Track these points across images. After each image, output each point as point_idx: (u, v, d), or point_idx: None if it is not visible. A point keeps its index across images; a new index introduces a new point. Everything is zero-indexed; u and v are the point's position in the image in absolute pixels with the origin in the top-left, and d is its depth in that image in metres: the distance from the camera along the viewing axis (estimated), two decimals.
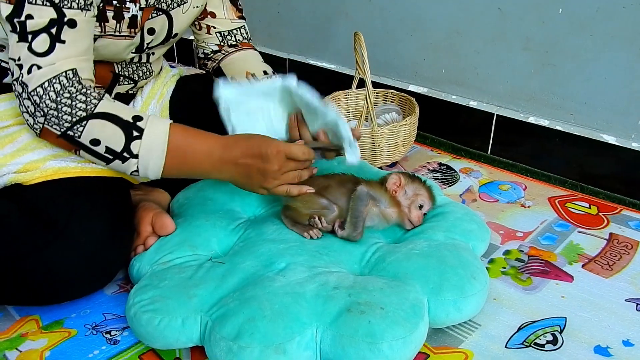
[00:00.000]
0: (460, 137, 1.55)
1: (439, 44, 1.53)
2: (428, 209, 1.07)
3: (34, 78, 0.85)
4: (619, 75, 1.27)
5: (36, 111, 0.87)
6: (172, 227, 1.02)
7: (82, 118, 0.87)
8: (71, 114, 0.87)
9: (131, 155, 0.90)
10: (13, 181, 0.93)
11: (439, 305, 0.88)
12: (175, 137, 0.91)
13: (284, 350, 0.79)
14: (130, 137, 0.89)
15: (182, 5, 1.08)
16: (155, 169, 0.92)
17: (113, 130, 0.89)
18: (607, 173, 1.33)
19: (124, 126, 0.89)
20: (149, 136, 0.90)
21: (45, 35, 0.85)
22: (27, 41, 0.85)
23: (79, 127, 0.88)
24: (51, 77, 0.86)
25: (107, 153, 0.90)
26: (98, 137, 0.89)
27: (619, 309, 0.96)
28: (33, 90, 0.86)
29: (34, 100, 0.86)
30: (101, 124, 0.88)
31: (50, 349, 0.90)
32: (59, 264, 0.87)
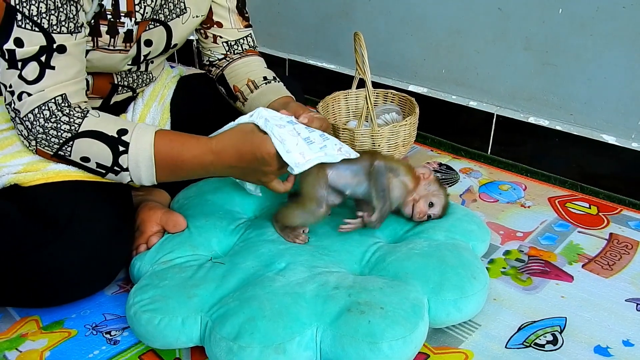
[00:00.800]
0: (460, 137, 1.55)
1: (439, 44, 1.53)
2: (434, 214, 1.05)
3: (25, 105, 0.87)
4: (619, 75, 1.27)
5: (29, 135, 0.89)
6: (184, 224, 1.04)
7: (68, 139, 0.89)
8: (57, 136, 0.89)
9: (121, 169, 0.92)
10: (12, 182, 0.93)
11: (439, 305, 0.88)
12: (162, 148, 0.91)
13: (284, 350, 0.79)
14: (117, 152, 0.90)
15: (182, 16, 1.06)
16: (148, 178, 0.93)
17: (99, 148, 0.90)
18: (607, 173, 1.33)
19: (110, 142, 0.90)
20: (134, 150, 0.91)
21: (35, 64, 0.86)
22: (18, 69, 0.86)
23: (67, 148, 0.90)
24: (40, 104, 0.87)
25: (99, 168, 0.92)
26: (87, 155, 0.91)
27: (619, 309, 0.96)
28: (25, 116, 0.88)
29: (26, 126, 0.89)
30: (87, 143, 0.90)
31: (50, 349, 0.90)
32: (59, 264, 0.87)
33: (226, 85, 1.19)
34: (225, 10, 1.15)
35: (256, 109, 0.95)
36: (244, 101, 1.15)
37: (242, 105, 1.16)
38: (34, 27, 0.84)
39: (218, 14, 1.15)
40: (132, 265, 1.00)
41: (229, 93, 1.18)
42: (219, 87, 1.21)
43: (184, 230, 1.04)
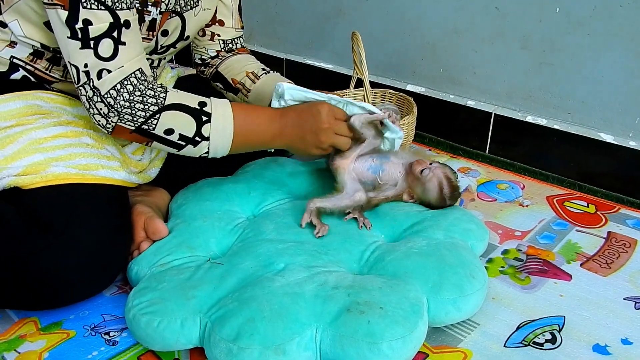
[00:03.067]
0: (458, 137, 1.55)
1: (436, 43, 1.53)
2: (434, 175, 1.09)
3: (106, 82, 0.89)
4: (617, 74, 1.27)
5: (109, 112, 0.91)
6: (164, 232, 1.02)
7: (155, 112, 0.92)
8: (144, 109, 0.91)
9: (203, 138, 0.96)
10: (12, 184, 0.93)
11: (439, 304, 0.88)
12: (239, 117, 0.97)
13: (283, 350, 0.79)
14: (200, 123, 0.94)
15: (195, 8, 1.09)
16: (225, 148, 0.98)
17: (184, 119, 0.94)
18: (605, 172, 1.33)
19: (193, 113, 0.94)
20: (216, 119, 0.95)
21: (109, 40, 0.88)
22: (92, 47, 0.87)
23: (153, 121, 0.92)
24: (122, 79, 0.89)
25: (180, 140, 0.95)
26: (172, 126, 0.94)
27: (618, 308, 0.96)
28: (106, 93, 0.89)
29: (108, 102, 0.90)
30: (173, 115, 0.93)
31: (49, 350, 0.90)
32: (58, 267, 0.87)
33: (223, 80, 1.21)
34: (229, 9, 1.19)
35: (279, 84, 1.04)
36: (247, 92, 1.18)
37: (244, 96, 1.20)
38: (99, 6, 0.86)
39: (222, 13, 1.19)
40: (129, 269, 0.99)
41: (228, 87, 1.21)
42: (215, 83, 1.23)
43: (167, 236, 1.02)
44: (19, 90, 0.98)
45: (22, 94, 0.98)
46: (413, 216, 1.07)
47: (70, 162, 0.95)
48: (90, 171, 0.96)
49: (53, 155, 0.95)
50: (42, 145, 0.95)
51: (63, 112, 1.01)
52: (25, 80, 1.00)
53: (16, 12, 0.94)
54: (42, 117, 0.97)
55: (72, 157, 0.96)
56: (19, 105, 0.97)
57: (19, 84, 0.99)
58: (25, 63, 0.99)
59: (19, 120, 0.96)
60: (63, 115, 1.00)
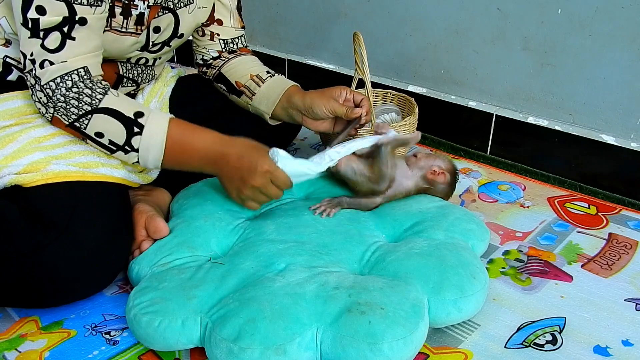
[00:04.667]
0: (459, 138, 1.55)
1: (438, 44, 1.53)
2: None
3: (47, 73, 0.89)
4: (618, 75, 1.27)
5: (48, 102, 0.91)
6: (165, 231, 1.02)
7: (87, 112, 0.92)
8: (78, 107, 0.91)
9: (132, 149, 0.95)
10: (13, 182, 0.93)
11: (439, 304, 0.88)
12: (174, 134, 0.96)
13: (284, 351, 0.79)
14: (131, 133, 0.94)
15: (189, 6, 1.09)
16: (154, 162, 0.97)
17: (115, 126, 0.93)
18: (606, 173, 1.33)
19: (126, 122, 0.93)
20: (148, 133, 0.94)
21: (58, 34, 0.88)
22: (40, 38, 0.88)
23: (85, 120, 0.92)
24: (63, 74, 0.90)
25: (110, 145, 0.95)
26: (102, 130, 0.94)
27: (619, 309, 0.96)
28: (46, 83, 0.90)
29: (46, 93, 0.91)
30: (104, 119, 0.93)
31: (50, 349, 0.90)
32: (59, 264, 0.87)
33: (227, 82, 1.21)
34: (227, 8, 1.19)
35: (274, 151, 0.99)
36: (252, 95, 1.18)
37: (248, 99, 1.19)
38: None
39: (220, 12, 1.18)
40: (130, 268, 0.99)
41: (231, 89, 1.20)
42: (218, 85, 1.23)
43: (167, 235, 1.02)
44: (16, 90, 0.98)
45: (21, 93, 0.98)
46: (413, 216, 1.07)
47: (70, 160, 0.95)
48: (90, 169, 0.96)
49: (53, 153, 0.95)
50: (42, 143, 0.95)
51: None
52: (20, 81, 1.00)
53: (6, 9, 0.94)
54: (41, 115, 0.97)
55: (72, 155, 0.96)
56: (18, 104, 0.98)
57: (15, 85, 0.99)
58: (18, 62, 0.99)
59: (19, 119, 0.97)
60: None
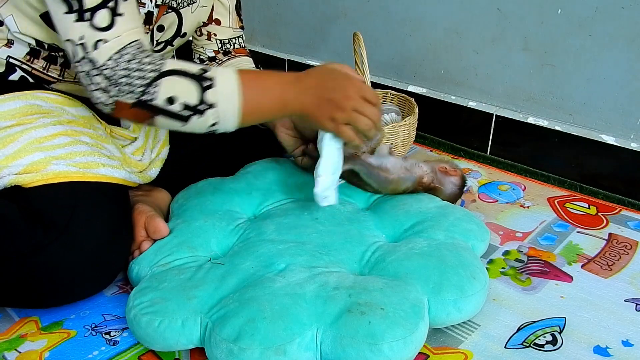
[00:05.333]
0: (459, 138, 1.55)
1: (438, 44, 1.53)
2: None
3: (103, 52, 0.85)
4: (618, 75, 1.27)
5: (109, 85, 0.86)
6: (165, 231, 1.02)
7: (154, 78, 0.86)
8: (142, 77, 0.86)
9: (208, 105, 0.88)
10: (13, 183, 0.93)
11: (439, 305, 0.88)
12: (245, 79, 0.90)
13: (284, 351, 0.79)
14: (203, 88, 0.88)
15: (192, 5, 1.09)
16: (234, 112, 0.90)
17: (186, 85, 0.87)
18: (606, 173, 1.33)
19: (195, 78, 0.88)
20: (220, 82, 0.89)
21: (105, 11, 0.84)
22: (87, 19, 0.84)
23: (153, 89, 0.87)
24: (119, 48, 0.85)
25: (183, 110, 0.88)
26: (173, 94, 0.87)
27: (619, 309, 0.96)
28: (103, 64, 0.85)
29: (105, 74, 0.85)
30: (173, 81, 0.87)
31: (50, 349, 0.90)
32: (59, 264, 0.87)
33: None
34: (226, 8, 1.19)
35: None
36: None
37: None
38: None
39: (218, 12, 1.19)
40: (130, 269, 0.99)
41: None
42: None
43: (167, 235, 1.02)
44: (17, 91, 0.98)
45: (21, 93, 0.98)
46: (413, 216, 1.07)
47: (70, 161, 0.95)
48: (90, 169, 0.96)
49: (53, 154, 0.95)
50: (43, 144, 0.95)
51: (63, 111, 1.01)
52: (23, 81, 1.00)
53: (12, 7, 0.94)
54: (42, 116, 0.97)
55: (72, 156, 0.96)
56: (19, 105, 0.97)
57: (17, 84, 0.99)
58: (21, 63, 0.99)
59: (19, 120, 0.96)
60: (63, 115, 1.00)
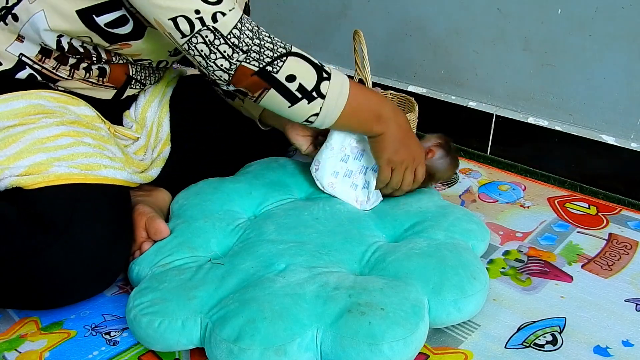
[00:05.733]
0: (459, 138, 1.55)
1: (438, 44, 1.53)
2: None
3: (224, 23, 0.88)
4: (618, 75, 1.27)
5: (235, 52, 0.89)
6: (165, 232, 1.02)
7: (283, 54, 0.92)
8: (273, 49, 0.91)
9: (319, 95, 0.94)
10: (14, 184, 0.92)
11: (440, 305, 0.88)
12: (354, 87, 0.98)
13: (284, 351, 0.79)
14: (321, 77, 0.94)
15: None
16: (335, 113, 0.97)
17: (307, 69, 0.93)
18: (606, 173, 1.33)
19: (316, 67, 0.95)
20: (335, 78, 0.95)
21: None
22: None
23: (279, 62, 0.91)
24: (239, 18, 0.89)
25: (298, 91, 0.93)
26: (295, 73, 0.92)
27: (619, 309, 0.96)
28: (229, 32, 0.88)
29: (232, 42, 0.89)
30: (298, 62, 0.93)
31: (50, 350, 0.90)
32: (59, 266, 0.87)
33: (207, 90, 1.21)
34: None
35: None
36: (243, 101, 1.17)
37: (241, 102, 1.17)
38: None
39: None
40: (130, 269, 0.99)
41: (225, 92, 1.20)
42: (216, 87, 1.23)
43: (168, 236, 1.02)
44: (22, 90, 0.98)
45: (25, 93, 0.98)
46: (414, 216, 1.07)
47: (72, 162, 0.95)
48: (92, 171, 0.96)
49: (56, 155, 0.95)
50: (45, 145, 0.95)
51: (66, 111, 1.01)
52: (30, 79, 1.00)
53: (46, 3, 0.92)
54: (45, 116, 0.97)
55: (74, 157, 0.96)
56: (22, 105, 0.97)
57: (24, 83, 0.99)
58: (33, 62, 0.99)
59: (22, 120, 0.96)
60: (66, 115, 1.00)
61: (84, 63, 1.01)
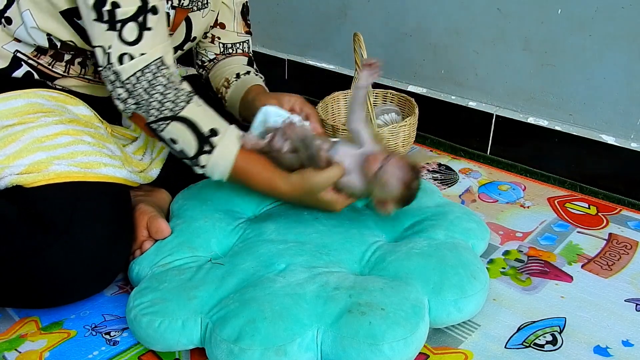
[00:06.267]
0: (459, 138, 1.55)
1: (438, 44, 1.53)
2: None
3: (127, 68, 0.88)
4: (618, 75, 1.27)
5: (129, 97, 0.91)
6: (167, 231, 1.02)
7: (167, 117, 0.92)
8: (159, 109, 0.91)
9: (198, 165, 0.96)
10: (14, 183, 0.93)
11: (440, 305, 0.88)
12: (240, 163, 0.96)
13: (284, 351, 0.79)
14: (201, 151, 0.94)
15: (203, 10, 1.08)
16: (219, 178, 0.98)
17: (189, 138, 0.93)
18: (606, 173, 1.33)
19: (199, 138, 0.94)
20: (217, 156, 0.95)
21: (134, 24, 0.87)
22: (116, 30, 0.86)
23: (162, 124, 0.93)
24: (142, 67, 0.89)
25: (179, 152, 0.96)
26: (176, 138, 0.94)
27: (619, 309, 0.96)
28: (127, 79, 0.89)
29: (127, 88, 0.90)
30: (181, 129, 0.93)
31: (50, 349, 0.90)
32: (59, 265, 0.87)
33: (212, 89, 1.22)
34: (231, 12, 1.19)
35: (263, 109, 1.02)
36: (225, 101, 1.19)
37: (225, 104, 1.19)
38: None
39: (224, 15, 1.19)
40: (130, 269, 0.99)
41: (215, 95, 1.21)
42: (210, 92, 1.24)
43: (169, 235, 1.02)
44: (19, 89, 0.98)
45: (23, 92, 0.98)
46: (413, 215, 1.07)
47: (72, 161, 0.95)
48: (92, 169, 0.96)
49: (55, 153, 0.95)
50: (44, 143, 0.95)
51: (65, 110, 1.01)
52: (27, 77, 1.00)
53: (30, 2, 0.94)
54: (44, 115, 0.97)
55: (74, 156, 0.96)
56: (21, 104, 0.97)
57: (21, 82, 0.99)
58: (28, 58, 0.99)
59: (21, 119, 0.96)
60: (65, 114, 1.00)
61: (79, 58, 1.02)
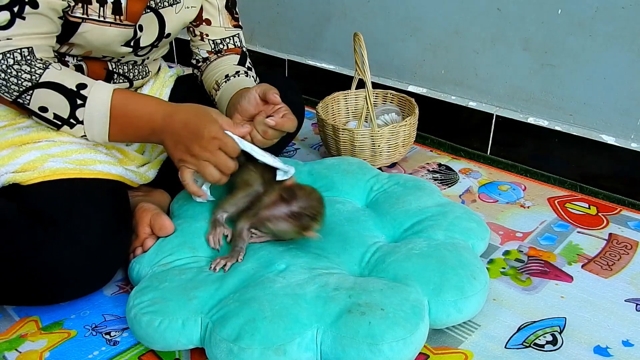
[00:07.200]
0: (459, 138, 1.55)
1: (438, 44, 1.53)
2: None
3: None
4: (618, 75, 1.27)
5: None
6: (171, 228, 1.02)
7: (28, 88, 0.91)
8: (17, 84, 0.91)
9: (77, 121, 0.94)
10: (11, 181, 0.93)
11: (440, 305, 0.88)
12: (118, 104, 0.94)
13: (284, 351, 0.79)
14: (74, 105, 0.93)
15: (175, 5, 1.08)
16: (101, 134, 0.96)
17: (58, 99, 0.92)
18: (606, 173, 1.33)
19: (68, 95, 0.92)
20: (91, 104, 0.93)
21: (7, 12, 0.88)
22: None
23: (27, 96, 0.92)
24: (6, 51, 0.89)
25: (55, 119, 0.94)
26: (45, 105, 0.92)
27: (619, 309, 0.96)
28: None
29: None
30: (46, 93, 0.92)
31: (50, 349, 0.90)
32: (57, 263, 0.87)
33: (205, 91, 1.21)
34: (215, 7, 1.18)
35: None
36: (216, 103, 1.16)
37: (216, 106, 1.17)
38: None
39: (208, 11, 1.17)
40: (131, 268, 0.99)
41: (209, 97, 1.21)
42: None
43: (173, 233, 1.02)
44: None
45: None
46: (413, 215, 1.07)
47: (67, 158, 0.96)
48: (87, 166, 0.96)
49: (49, 152, 0.95)
50: (38, 143, 0.95)
51: None
52: None
53: None
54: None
55: (68, 154, 0.96)
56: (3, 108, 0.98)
57: None
58: None
59: (11, 121, 0.97)
60: None
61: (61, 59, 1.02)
